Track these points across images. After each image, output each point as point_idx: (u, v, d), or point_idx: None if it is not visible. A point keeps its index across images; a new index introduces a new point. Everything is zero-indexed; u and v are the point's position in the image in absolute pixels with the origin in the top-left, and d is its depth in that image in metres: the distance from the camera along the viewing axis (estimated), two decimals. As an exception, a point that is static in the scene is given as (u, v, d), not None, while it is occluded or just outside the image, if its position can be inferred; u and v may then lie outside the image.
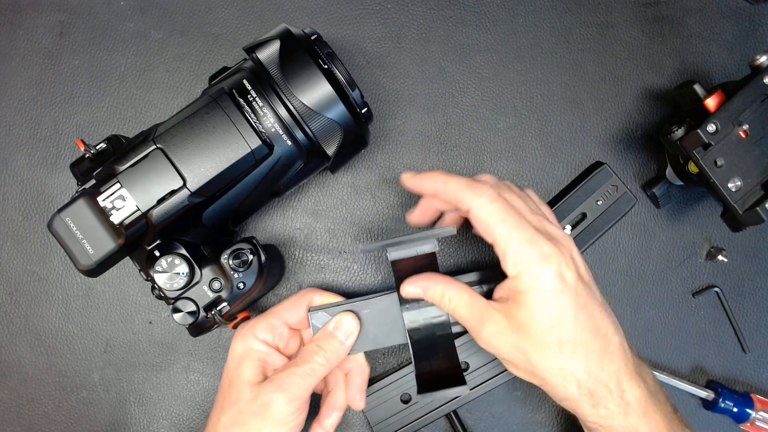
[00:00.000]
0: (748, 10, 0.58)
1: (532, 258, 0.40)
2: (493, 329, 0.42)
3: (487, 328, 0.42)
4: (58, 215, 0.41)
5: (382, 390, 0.55)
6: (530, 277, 0.40)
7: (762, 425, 0.55)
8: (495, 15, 0.58)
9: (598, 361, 0.41)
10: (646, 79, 0.58)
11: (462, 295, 0.43)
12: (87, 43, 0.57)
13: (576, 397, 0.41)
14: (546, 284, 0.40)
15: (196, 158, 0.42)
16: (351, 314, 0.46)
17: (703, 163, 0.46)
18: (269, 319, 0.46)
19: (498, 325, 0.42)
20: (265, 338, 0.46)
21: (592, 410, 0.41)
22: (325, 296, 0.48)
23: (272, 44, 0.44)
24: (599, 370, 0.41)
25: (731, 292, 0.57)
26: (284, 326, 0.47)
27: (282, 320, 0.47)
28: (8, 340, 0.56)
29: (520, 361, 0.42)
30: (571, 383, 0.41)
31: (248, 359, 0.45)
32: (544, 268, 0.40)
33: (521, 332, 0.41)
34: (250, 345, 0.46)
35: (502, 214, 0.41)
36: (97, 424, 0.56)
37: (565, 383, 0.41)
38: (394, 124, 0.57)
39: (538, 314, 0.40)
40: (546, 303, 0.40)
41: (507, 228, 0.40)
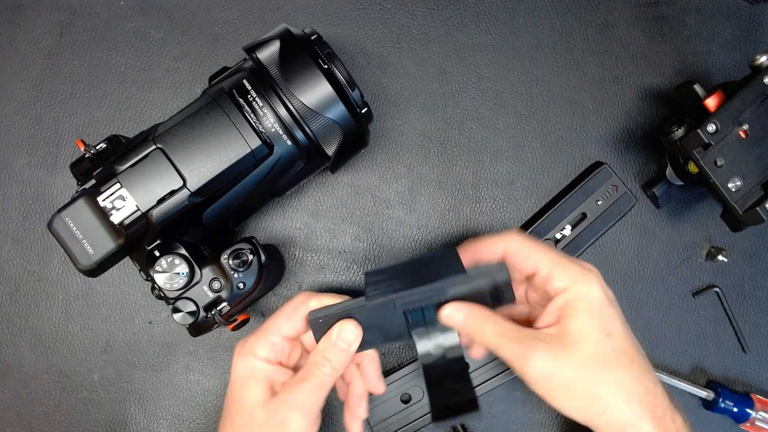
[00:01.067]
0: (748, 10, 0.58)
1: (578, 272, 0.41)
2: (546, 350, 0.39)
3: (539, 351, 0.39)
4: (58, 215, 0.41)
5: (382, 390, 0.55)
6: (580, 288, 0.40)
7: (762, 425, 0.55)
8: (495, 15, 0.58)
9: (649, 376, 0.40)
10: (646, 79, 0.58)
11: (507, 324, 0.41)
12: (87, 43, 0.57)
13: (640, 418, 0.38)
14: (595, 294, 0.40)
15: (196, 158, 0.42)
16: (351, 321, 0.44)
17: (703, 163, 0.46)
18: (267, 336, 0.44)
19: (552, 345, 0.39)
20: (266, 356, 0.44)
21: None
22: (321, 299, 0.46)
23: (272, 44, 0.44)
24: (653, 386, 0.40)
25: (731, 292, 0.57)
26: (284, 341, 0.45)
27: (281, 335, 0.45)
28: (8, 340, 0.56)
29: (579, 383, 0.38)
30: (633, 400, 0.38)
31: (253, 379, 0.44)
32: (591, 280, 0.40)
33: (578, 347, 0.39)
34: (253, 365, 0.44)
35: (534, 244, 0.43)
36: (97, 424, 0.56)
37: (628, 401, 0.38)
38: (394, 124, 0.57)
39: (594, 323, 0.39)
40: (598, 312, 0.40)
41: (545, 252, 0.42)
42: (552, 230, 0.55)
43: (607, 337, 0.39)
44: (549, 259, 0.41)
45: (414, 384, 0.55)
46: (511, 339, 0.40)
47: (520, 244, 0.43)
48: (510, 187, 0.57)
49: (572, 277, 0.40)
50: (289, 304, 0.45)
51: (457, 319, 0.41)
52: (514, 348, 0.39)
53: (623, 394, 0.38)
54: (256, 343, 0.44)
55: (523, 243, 0.43)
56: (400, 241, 0.57)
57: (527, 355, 0.39)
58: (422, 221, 0.57)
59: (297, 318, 0.45)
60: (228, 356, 0.56)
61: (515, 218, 0.57)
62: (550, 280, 0.41)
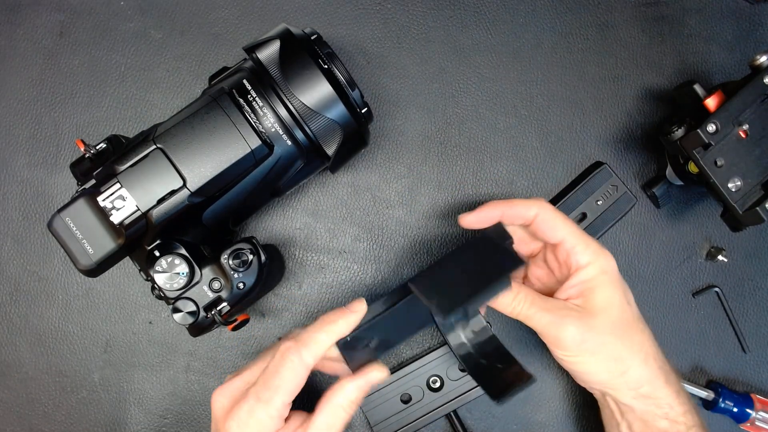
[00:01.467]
0: (748, 10, 0.58)
1: (598, 249, 0.45)
2: (577, 318, 0.43)
3: (571, 318, 0.43)
4: (58, 215, 0.41)
5: (382, 390, 0.55)
6: (602, 263, 0.44)
7: (762, 425, 0.55)
8: (495, 15, 0.58)
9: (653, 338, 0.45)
10: (646, 79, 0.58)
11: (536, 294, 0.44)
12: (87, 43, 0.57)
13: (654, 375, 0.44)
14: (613, 268, 0.45)
15: (196, 158, 0.42)
16: (381, 369, 0.42)
17: (703, 163, 0.46)
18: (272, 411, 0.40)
19: (581, 314, 0.43)
20: (277, 427, 0.41)
21: (665, 389, 0.44)
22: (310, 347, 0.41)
23: (272, 44, 0.44)
24: (658, 346, 0.45)
25: (731, 292, 0.57)
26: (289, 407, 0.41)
27: (287, 407, 0.41)
28: (8, 340, 0.56)
29: (607, 347, 0.43)
30: (650, 358, 0.44)
31: None
32: (609, 256, 0.45)
33: (605, 314, 0.43)
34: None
35: (563, 216, 0.45)
36: (97, 424, 0.56)
37: (646, 359, 0.43)
38: (394, 124, 0.57)
39: (617, 293, 0.44)
40: (618, 285, 0.44)
41: (571, 227, 0.45)
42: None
43: (628, 305, 0.44)
44: (574, 234, 0.44)
45: (414, 384, 0.55)
46: (543, 309, 0.43)
47: (550, 213, 0.45)
48: (510, 187, 0.57)
49: (594, 252, 0.44)
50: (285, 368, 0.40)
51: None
52: (547, 317, 0.43)
53: (642, 354, 0.44)
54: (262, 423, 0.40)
55: (552, 213, 0.45)
56: (400, 241, 0.57)
57: (562, 322, 0.43)
58: (422, 221, 0.57)
59: (299, 379, 0.41)
60: (228, 356, 0.56)
61: (515, 218, 0.57)
62: (575, 253, 0.44)
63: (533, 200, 0.46)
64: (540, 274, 0.49)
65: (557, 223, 0.45)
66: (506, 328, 0.56)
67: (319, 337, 0.41)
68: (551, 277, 0.48)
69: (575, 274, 0.44)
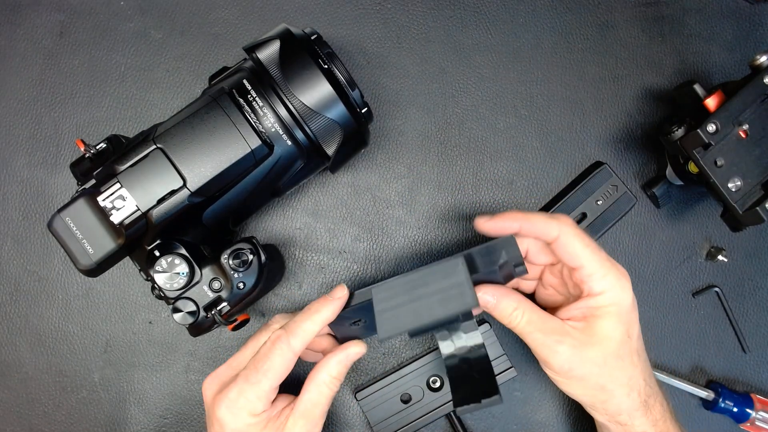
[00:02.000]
0: (748, 10, 0.58)
1: (616, 279, 0.43)
2: (570, 346, 0.42)
3: (564, 345, 0.42)
4: (58, 215, 0.41)
5: (382, 390, 0.55)
6: (615, 293, 0.43)
7: (762, 425, 0.55)
8: (495, 15, 0.58)
9: (648, 369, 0.45)
10: (646, 79, 0.58)
11: (536, 312, 0.44)
12: (87, 43, 0.57)
13: (635, 407, 0.44)
14: (626, 300, 0.44)
15: (196, 158, 0.42)
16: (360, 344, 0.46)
17: (703, 163, 0.46)
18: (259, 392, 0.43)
19: (577, 340, 0.43)
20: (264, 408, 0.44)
21: (643, 419, 0.44)
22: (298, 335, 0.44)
23: (272, 44, 0.44)
24: (650, 377, 0.45)
25: (731, 292, 0.57)
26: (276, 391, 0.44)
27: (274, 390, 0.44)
28: (8, 340, 0.56)
29: (593, 377, 0.43)
30: (634, 392, 0.44)
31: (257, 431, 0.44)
32: (625, 287, 0.44)
33: (601, 345, 0.43)
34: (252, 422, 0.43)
35: (585, 240, 0.44)
36: (97, 424, 0.56)
37: (630, 393, 0.44)
38: (394, 124, 0.57)
39: (619, 327, 0.43)
40: (625, 317, 0.44)
41: (592, 252, 0.44)
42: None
43: (628, 339, 0.44)
44: (595, 261, 0.44)
45: (414, 384, 0.55)
46: (539, 329, 0.43)
47: (571, 237, 0.44)
48: (510, 187, 0.57)
49: (610, 282, 0.43)
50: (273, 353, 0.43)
51: (489, 303, 0.44)
52: (541, 338, 0.43)
53: (627, 388, 0.44)
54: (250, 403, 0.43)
55: (574, 238, 0.44)
56: (400, 241, 0.57)
57: (553, 347, 0.43)
58: (422, 221, 0.57)
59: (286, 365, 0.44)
60: (228, 356, 0.56)
61: (515, 218, 0.57)
62: (590, 280, 0.44)
63: (556, 220, 0.44)
64: (553, 282, 0.48)
65: (578, 248, 0.44)
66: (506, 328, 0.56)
67: (306, 326, 0.44)
68: (563, 288, 0.48)
69: (585, 298, 0.44)
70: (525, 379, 0.56)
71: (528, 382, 0.56)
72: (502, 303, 0.44)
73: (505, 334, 0.56)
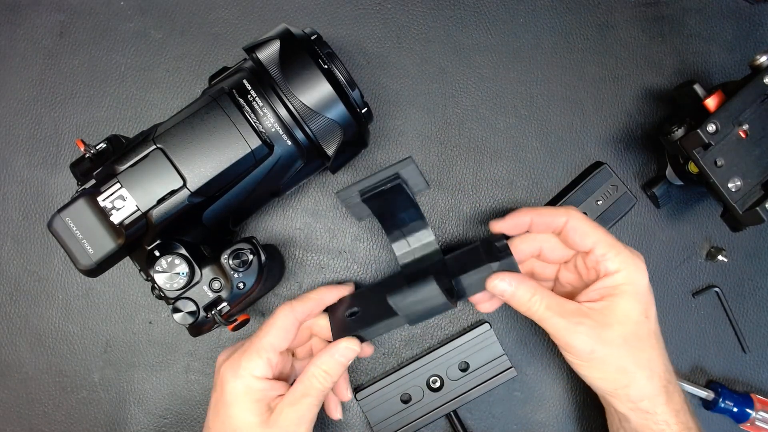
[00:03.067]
0: (748, 10, 0.58)
1: (629, 257, 0.44)
2: (590, 327, 0.42)
3: (584, 326, 0.42)
4: (58, 215, 0.41)
5: (382, 390, 0.55)
6: (630, 272, 0.44)
7: (762, 425, 0.55)
8: (495, 15, 0.58)
9: (666, 355, 0.45)
10: (646, 79, 0.58)
11: (553, 297, 0.44)
12: (87, 43, 0.57)
13: (657, 392, 0.43)
14: (642, 280, 0.44)
15: (196, 158, 0.42)
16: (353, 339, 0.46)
17: (703, 163, 0.46)
18: (263, 354, 0.45)
19: (596, 321, 0.43)
20: (264, 374, 0.45)
21: (664, 407, 0.43)
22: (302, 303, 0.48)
23: (272, 44, 0.44)
24: (668, 363, 0.45)
25: (731, 292, 0.57)
26: (278, 355, 0.46)
27: (275, 351, 0.45)
28: (8, 340, 0.56)
29: (614, 358, 0.43)
30: (655, 376, 0.43)
31: (253, 402, 0.44)
32: (640, 266, 0.44)
33: (620, 324, 0.43)
34: (252, 386, 0.44)
35: (593, 223, 0.45)
36: (97, 424, 0.56)
37: (651, 376, 0.43)
38: (394, 124, 0.57)
39: (637, 306, 0.43)
40: (642, 296, 0.44)
41: (602, 233, 0.45)
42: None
43: (645, 319, 0.44)
44: (605, 241, 0.44)
45: (414, 384, 0.55)
46: (558, 312, 0.43)
47: (580, 221, 0.45)
48: (510, 187, 0.57)
49: (624, 261, 0.44)
50: (277, 318, 0.46)
51: (506, 291, 0.44)
52: (561, 322, 0.43)
53: (648, 371, 0.43)
54: (250, 362, 0.45)
55: (582, 220, 0.45)
56: (400, 241, 0.57)
57: (574, 329, 0.43)
58: (422, 221, 0.57)
59: (288, 330, 0.46)
60: (228, 356, 0.56)
61: (515, 218, 0.57)
62: (605, 260, 0.44)
63: (563, 209, 0.46)
64: (570, 278, 0.49)
65: (587, 230, 0.45)
66: (506, 328, 0.57)
67: (310, 296, 0.49)
68: (580, 281, 0.48)
69: (602, 279, 0.44)
70: (525, 379, 0.56)
71: (528, 382, 0.56)
72: (519, 290, 0.44)
73: (505, 335, 0.56)
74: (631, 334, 0.43)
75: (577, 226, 0.45)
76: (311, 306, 0.48)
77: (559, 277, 0.50)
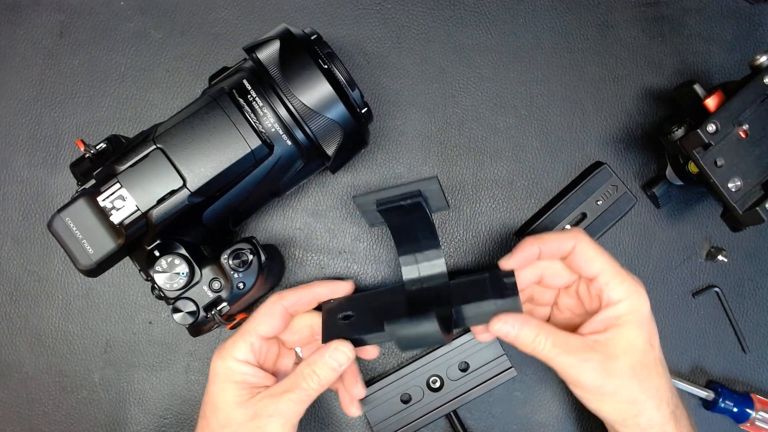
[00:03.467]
0: (748, 10, 0.58)
1: (633, 286, 0.44)
2: (598, 361, 0.42)
3: (592, 362, 0.42)
4: (58, 215, 0.41)
5: (382, 390, 0.55)
6: (633, 301, 0.43)
7: (762, 425, 0.55)
8: (495, 15, 0.58)
9: (671, 382, 0.45)
10: (646, 79, 0.58)
11: (558, 334, 0.43)
12: (87, 43, 0.57)
13: (666, 420, 0.43)
14: (645, 309, 0.44)
15: (196, 158, 0.42)
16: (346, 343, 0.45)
17: (703, 163, 0.46)
18: (245, 337, 0.45)
19: (603, 355, 0.42)
20: (245, 358, 0.45)
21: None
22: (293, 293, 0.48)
23: (272, 44, 0.44)
24: (674, 389, 0.45)
25: (731, 292, 0.57)
26: (262, 341, 0.46)
27: (258, 336, 0.46)
28: (8, 340, 0.56)
29: (624, 390, 0.43)
30: (663, 404, 0.43)
31: (230, 382, 0.44)
32: (642, 295, 0.44)
33: (627, 355, 0.42)
34: (231, 367, 0.45)
35: (600, 249, 0.45)
36: (97, 424, 0.56)
37: (659, 405, 0.43)
38: (394, 124, 0.57)
39: (642, 335, 0.43)
40: (646, 325, 0.44)
41: (607, 261, 0.44)
42: (552, 230, 0.55)
43: (651, 348, 0.44)
44: (610, 269, 0.44)
45: (414, 384, 0.55)
46: (564, 350, 0.42)
47: (587, 246, 0.44)
48: (510, 187, 0.57)
49: (628, 290, 0.44)
50: (264, 304, 0.47)
51: (510, 333, 0.43)
52: (568, 359, 0.42)
53: (657, 400, 0.43)
54: (234, 345, 0.45)
55: (589, 246, 0.44)
56: (400, 241, 0.57)
57: (581, 366, 0.42)
58: (422, 221, 0.57)
59: (274, 317, 0.47)
60: (228, 356, 0.56)
61: (515, 218, 0.57)
62: (608, 288, 0.44)
63: (570, 233, 0.45)
64: (570, 303, 0.48)
65: (593, 255, 0.44)
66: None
67: (302, 287, 0.49)
68: (580, 308, 0.47)
69: (605, 309, 0.44)
70: (525, 379, 0.56)
71: (528, 382, 0.56)
72: (523, 331, 0.43)
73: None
74: (639, 363, 0.43)
75: (584, 251, 0.44)
76: (302, 296, 0.48)
77: (558, 302, 0.49)
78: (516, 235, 0.57)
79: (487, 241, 0.57)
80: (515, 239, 0.57)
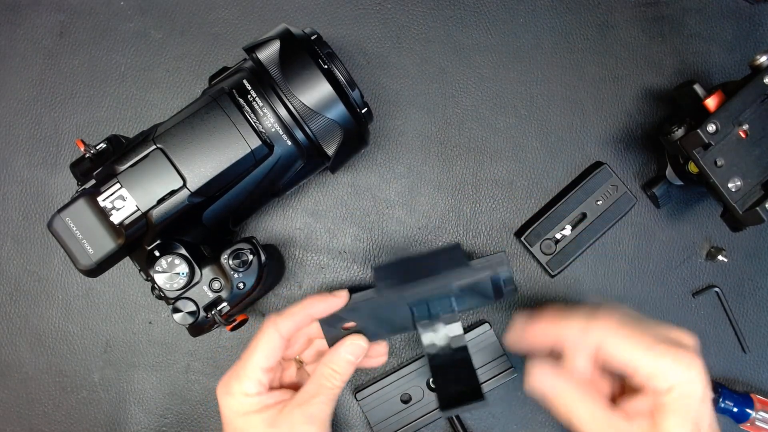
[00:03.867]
0: (748, 10, 0.58)
1: (683, 367, 0.39)
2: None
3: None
4: (58, 215, 0.41)
5: (382, 390, 0.55)
6: (684, 388, 0.39)
7: (762, 425, 0.55)
8: (495, 15, 0.58)
9: None
10: (646, 79, 0.58)
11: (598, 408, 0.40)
12: (87, 43, 0.57)
13: None
14: (697, 392, 0.39)
15: (196, 158, 0.42)
16: (360, 336, 0.46)
17: (703, 163, 0.46)
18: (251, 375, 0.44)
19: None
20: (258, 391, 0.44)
21: None
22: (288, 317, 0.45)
23: (272, 44, 0.44)
24: None
25: (731, 292, 0.57)
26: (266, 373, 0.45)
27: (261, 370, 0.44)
28: (8, 340, 0.56)
29: None
30: None
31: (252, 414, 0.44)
32: (694, 378, 0.39)
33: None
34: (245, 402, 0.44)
35: (633, 338, 0.40)
36: (97, 424, 0.56)
37: None
38: (394, 124, 0.57)
39: (688, 424, 0.39)
40: (696, 412, 0.39)
41: (646, 349, 0.40)
42: (552, 230, 0.55)
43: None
44: (653, 358, 0.39)
45: (414, 384, 0.55)
46: (603, 428, 0.40)
47: (617, 337, 0.40)
48: (510, 187, 0.57)
49: (678, 377, 0.39)
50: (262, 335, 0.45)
51: (552, 389, 0.41)
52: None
53: None
54: (241, 384, 0.44)
55: (620, 337, 0.40)
56: (400, 241, 0.57)
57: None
58: (422, 221, 0.57)
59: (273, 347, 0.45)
60: (228, 356, 0.56)
61: (515, 218, 0.57)
62: (653, 380, 0.39)
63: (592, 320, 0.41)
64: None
65: (627, 352, 0.40)
66: (506, 329, 0.56)
67: (296, 311, 0.45)
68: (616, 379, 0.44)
69: (646, 395, 0.40)
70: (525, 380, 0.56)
71: (528, 382, 0.56)
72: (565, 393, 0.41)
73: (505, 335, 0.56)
74: None
75: (615, 350, 0.40)
76: (297, 321, 0.45)
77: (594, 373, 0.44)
78: (516, 235, 0.57)
79: (487, 241, 0.57)
80: (515, 239, 0.57)
